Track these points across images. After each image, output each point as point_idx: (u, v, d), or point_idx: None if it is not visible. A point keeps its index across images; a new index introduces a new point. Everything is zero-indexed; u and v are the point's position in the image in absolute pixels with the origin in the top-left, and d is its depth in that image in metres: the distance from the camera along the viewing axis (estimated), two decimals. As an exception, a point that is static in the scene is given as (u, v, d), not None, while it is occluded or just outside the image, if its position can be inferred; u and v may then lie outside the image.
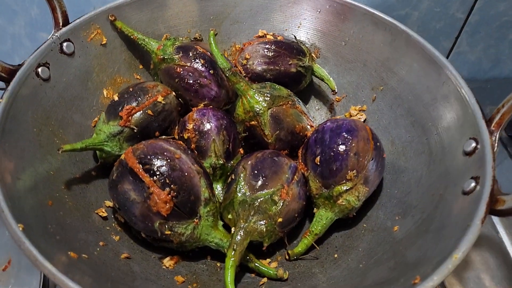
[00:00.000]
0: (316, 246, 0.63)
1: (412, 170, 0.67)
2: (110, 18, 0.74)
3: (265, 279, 0.60)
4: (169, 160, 0.58)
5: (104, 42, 0.74)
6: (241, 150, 0.72)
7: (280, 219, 0.61)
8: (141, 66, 0.80)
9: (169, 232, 0.58)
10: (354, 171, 0.62)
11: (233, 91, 0.75)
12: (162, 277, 0.58)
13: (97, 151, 0.67)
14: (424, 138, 0.68)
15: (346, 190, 0.62)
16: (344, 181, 0.62)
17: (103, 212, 0.63)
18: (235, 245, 0.57)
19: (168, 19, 0.81)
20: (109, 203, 0.65)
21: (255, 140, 0.71)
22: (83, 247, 0.55)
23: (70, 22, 0.70)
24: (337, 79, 0.80)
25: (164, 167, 0.58)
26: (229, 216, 0.62)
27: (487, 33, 1.00)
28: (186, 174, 0.59)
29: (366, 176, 0.63)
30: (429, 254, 0.52)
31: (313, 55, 0.82)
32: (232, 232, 0.59)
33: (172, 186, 0.57)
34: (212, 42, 0.68)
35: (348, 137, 0.63)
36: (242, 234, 0.58)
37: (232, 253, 0.57)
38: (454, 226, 0.53)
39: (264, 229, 0.60)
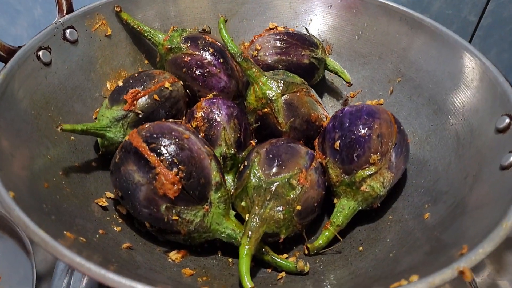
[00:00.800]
0: (339, 237, 0.57)
1: (439, 157, 0.62)
2: (115, 9, 0.72)
3: (283, 274, 0.54)
4: (177, 140, 0.54)
5: (109, 33, 0.72)
6: (253, 142, 0.67)
7: (298, 207, 0.55)
8: (146, 62, 0.77)
9: (177, 218, 0.52)
10: (378, 154, 0.57)
11: (244, 83, 0.72)
12: (167, 268, 0.52)
13: (98, 139, 0.63)
14: (449, 125, 0.64)
15: (370, 175, 0.57)
16: (367, 165, 0.57)
17: (103, 201, 0.57)
18: (250, 231, 0.52)
19: (175, 15, 0.79)
20: (110, 194, 0.59)
21: (268, 131, 0.66)
22: (81, 231, 0.49)
23: (74, 10, 0.68)
24: (352, 74, 0.77)
25: (172, 146, 0.53)
26: (243, 204, 0.57)
27: (500, 37, 0.98)
28: (195, 154, 0.54)
29: (391, 161, 0.58)
30: (470, 233, 0.46)
31: (326, 51, 0.79)
32: (246, 219, 0.54)
33: (180, 166, 0.52)
34: (222, 27, 0.65)
35: (370, 119, 0.59)
36: (257, 221, 0.53)
37: (247, 240, 0.51)
38: (495, 202, 0.48)
39: (282, 217, 0.54)
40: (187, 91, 0.70)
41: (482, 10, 0.95)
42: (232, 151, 0.63)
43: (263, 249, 0.55)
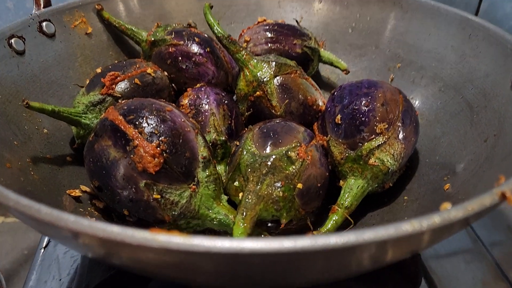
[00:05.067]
0: (349, 218, 0.49)
1: (453, 131, 0.56)
2: (96, 7, 0.69)
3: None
4: (158, 111, 0.48)
5: (89, 31, 0.68)
6: (246, 132, 0.61)
7: (299, 185, 0.48)
8: (130, 63, 0.73)
9: (158, 197, 0.45)
10: (385, 123, 0.51)
11: (233, 76, 0.68)
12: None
13: (73, 129, 0.57)
14: (458, 98, 0.59)
15: (378, 146, 0.51)
16: (374, 136, 0.51)
17: (76, 192, 0.50)
18: (244, 209, 0.45)
19: (160, 17, 0.76)
20: (85, 187, 0.52)
21: (262, 117, 0.60)
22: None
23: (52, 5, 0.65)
24: (349, 68, 0.73)
25: (152, 118, 0.47)
26: (236, 184, 0.50)
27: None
28: (179, 126, 0.48)
29: (400, 129, 0.52)
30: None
31: (318, 44, 0.76)
32: (240, 198, 0.47)
33: (161, 138, 0.46)
34: (207, 12, 0.62)
35: (372, 88, 0.54)
36: (253, 198, 0.46)
37: (242, 219, 0.43)
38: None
39: (281, 194, 0.47)
40: (173, 85, 0.65)
41: (476, 10, 0.94)
42: (223, 138, 0.57)
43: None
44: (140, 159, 0.45)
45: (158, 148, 0.45)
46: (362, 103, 0.53)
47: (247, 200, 0.45)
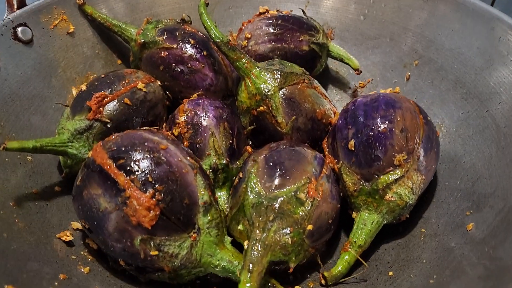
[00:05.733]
0: (363, 261, 0.46)
1: (476, 152, 0.51)
2: (77, 2, 0.61)
3: (296, 313, 0.43)
4: (151, 152, 0.43)
5: (71, 30, 0.61)
6: (249, 149, 0.56)
7: (310, 226, 0.44)
8: (119, 61, 0.66)
9: (157, 253, 0.41)
10: (404, 153, 0.46)
11: (233, 80, 0.61)
12: (150, 320, 0.41)
13: (60, 158, 0.52)
14: (483, 111, 0.53)
15: (396, 180, 0.46)
16: (391, 168, 0.46)
17: (67, 236, 0.46)
18: (250, 264, 0.40)
19: (149, 6, 0.68)
20: (76, 224, 0.48)
21: (266, 133, 0.55)
22: (32, 280, 0.38)
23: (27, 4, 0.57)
24: (359, 61, 0.66)
25: (145, 161, 0.42)
26: (240, 228, 0.45)
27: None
28: (175, 169, 0.43)
29: (420, 160, 0.47)
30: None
31: (327, 36, 0.68)
32: (246, 247, 0.43)
33: (156, 186, 0.41)
34: (203, 12, 0.54)
35: (389, 109, 0.48)
36: (259, 249, 0.42)
37: (248, 276, 0.40)
38: None
39: (290, 241, 0.43)
40: (167, 93, 0.59)
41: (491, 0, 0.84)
42: (224, 161, 0.51)
43: (269, 284, 0.43)
44: (134, 213, 0.40)
45: (154, 199, 0.40)
46: (379, 129, 0.47)
47: (253, 252, 0.41)
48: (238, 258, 0.44)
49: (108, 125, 0.50)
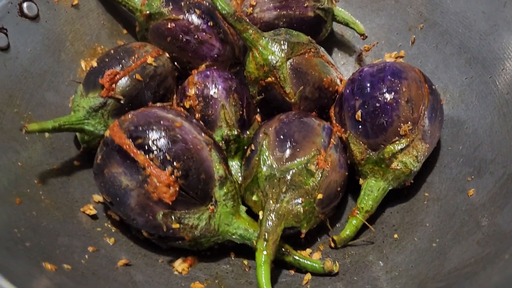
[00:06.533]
0: (369, 226, 0.49)
1: (478, 117, 0.53)
2: (80, -28, 0.60)
3: (308, 276, 0.46)
4: (167, 130, 0.44)
5: (75, 2, 0.60)
6: (258, 118, 0.57)
7: (319, 195, 0.47)
8: (125, 31, 0.65)
9: (178, 226, 0.44)
10: (409, 123, 0.48)
11: (240, 48, 0.61)
12: (174, 285, 0.44)
13: (77, 134, 0.53)
14: (487, 77, 0.54)
15: (401, 150, 0.48)
16: (397, 137, 0.48)
17: (91, 209, 0.49)
18: (266, 233, 0.43)
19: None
20: (98, 197, 0.51)
21: (274, 103, 0.56)
22: (65, 255, 0.41)
23: (29, -22, 0.56)
24: (364, 24, 0.65)
25: (162, 140, 0.44)
26: (254, 198, 0.48)
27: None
28: (191, 146, 0.45)
29: (424, 129, 0.48)
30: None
31: (332, 0, 0.67)
32: (260, 217, 0.45)
33: (175, 163, 0.43)
34: (209, -17, 0.53)
35: (396, 80, 0.49)
36: (273, 219, 0.44)
37: (264, 245, 0.43)
38: None
39: (302, 210, 0.46)
40: (175, 63, 0.59)
41: None
42: (235, 132, 0.53)
43: (283, 249, 0.47)
44: (155, 189, 0.42)
45: (172, 176, 0.43)
46: (385, 101, 0.48)
47: (268, 222, 0.44)
48: (253, 226, 0.47)
49: (122, 102, 0.51)
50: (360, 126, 0.50)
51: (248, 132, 0.55)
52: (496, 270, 0.35)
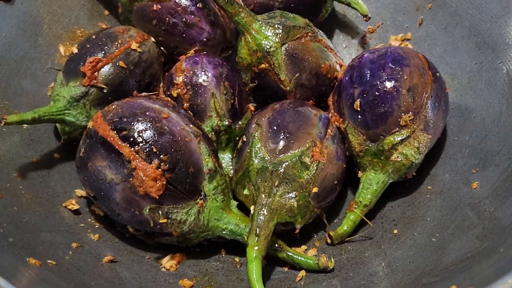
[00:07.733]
0: (367, 221, 0.54)
1: (487, 106, 0.58)
2: (57, -51, 0.65)
3: (302, 272, 0.51)
4: (154, 122, 0.49)
5: (53, -18, 0.65)
6: (251, 107, 0.62)
7: (315, 189, 0.52)
8: (106, 12, 0.70)
9: (165, 221, 0.49)
10: (410, 113, 0.53)
11: (232, 31, 0.66)
12: (162, 282, 0.50)
13: (57, 125, 0.58)
14: (497, 62, 0.59)
15: (402, 141, 0.53)
16: (397, 128, 0.53)
17: (73, 204, 0.54)
18: (257, 228, 0.49)
19: None
20: (80, 192, 0.56)
21: (268, 91, 0.61)
22: (48, 251, 0.47)
23: (3, -43, 0.61)
24: (368, 3, 0.70)
25: (148, 132, 0.49)
26: (245, 192, 0.53)
27: None
28: (179, 138, 0.50)
29: (427, 119, 0.53)
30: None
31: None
32: (252, 212, 0.51)
33: (161, 156, 0.48)
34: (197, -39, 0.58)
35: (397, 67, 0.54)
36: (265, 213, 0.50)
37: (255, 240, 0.48)
38: None
39: (295, 204, 0.51)
40: (162, 49, 0.64)
41: None
42: (226, 122, 0.58)
43: (276, 245, 0.52)
44: (141, 184, 0.48)
45: (159, 169, 0.48)
46: (385, 89, 0.53)
47: (259, 217, 0.49)
48: (244, 221, 0.52)
49: (104, 91, 0.56)
50: (359, 116, 0.55)
51: (240, 122, 0.60)
52: (490, 263, 0.40)
